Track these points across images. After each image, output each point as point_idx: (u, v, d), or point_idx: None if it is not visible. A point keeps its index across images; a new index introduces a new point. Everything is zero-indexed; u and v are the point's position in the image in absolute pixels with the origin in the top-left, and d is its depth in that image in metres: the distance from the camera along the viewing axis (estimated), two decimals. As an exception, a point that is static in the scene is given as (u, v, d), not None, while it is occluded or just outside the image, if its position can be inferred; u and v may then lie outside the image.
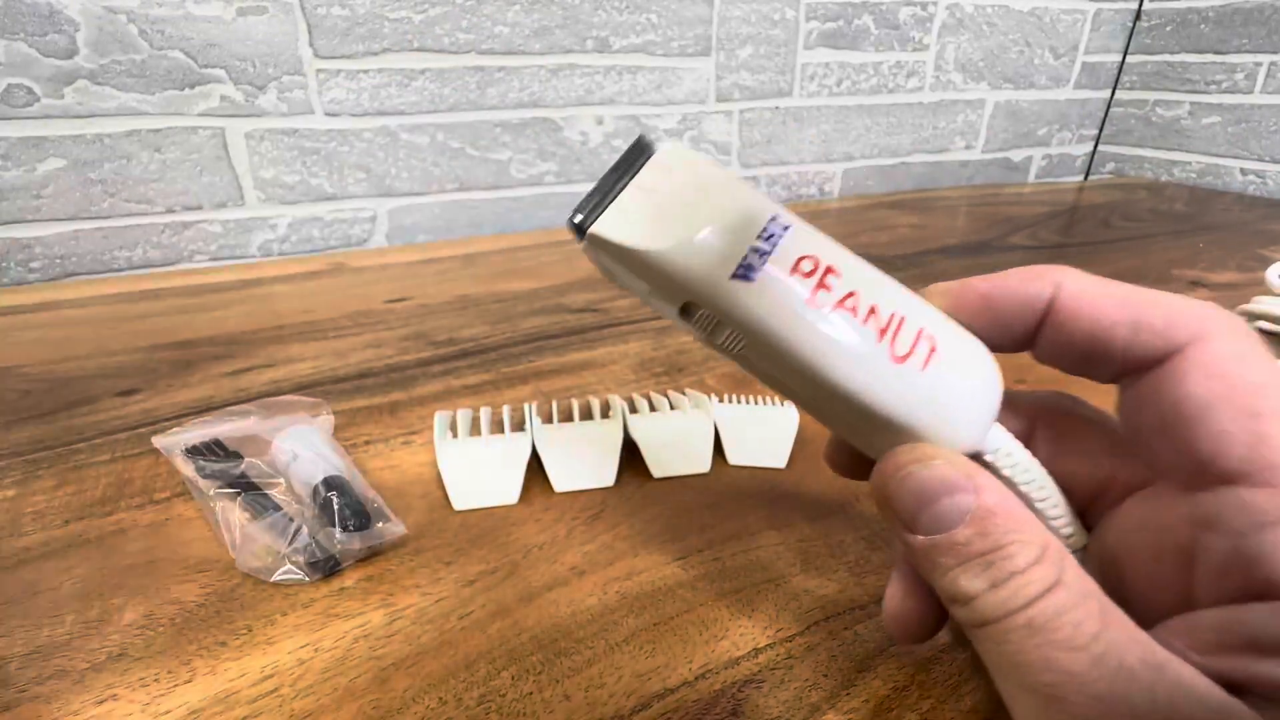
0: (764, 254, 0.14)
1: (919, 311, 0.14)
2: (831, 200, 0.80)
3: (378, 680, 0.18)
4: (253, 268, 0.54)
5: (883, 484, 0.14)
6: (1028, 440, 0.16)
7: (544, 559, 0.22)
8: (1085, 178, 1.00)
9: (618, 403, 0.29)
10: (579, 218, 0.14)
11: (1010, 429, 0.15)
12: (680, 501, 0.25)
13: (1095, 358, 0.14)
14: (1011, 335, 0.15)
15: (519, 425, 0.28)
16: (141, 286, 0.49)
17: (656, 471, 0.26)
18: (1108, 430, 0.16)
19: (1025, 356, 0.16)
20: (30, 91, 0.47)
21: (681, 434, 0.27)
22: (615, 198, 0.15)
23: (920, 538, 0.13)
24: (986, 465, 0.15)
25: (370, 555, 0.22)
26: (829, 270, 0.14)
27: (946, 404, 0.14)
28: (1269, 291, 0.38)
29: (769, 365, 0.15)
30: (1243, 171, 0.82)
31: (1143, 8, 0.89)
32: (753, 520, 0.24)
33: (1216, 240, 0.60)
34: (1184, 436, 0.13)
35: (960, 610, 0.12)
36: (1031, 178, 0.96)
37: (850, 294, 0.14)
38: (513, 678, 0.18)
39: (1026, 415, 0.17)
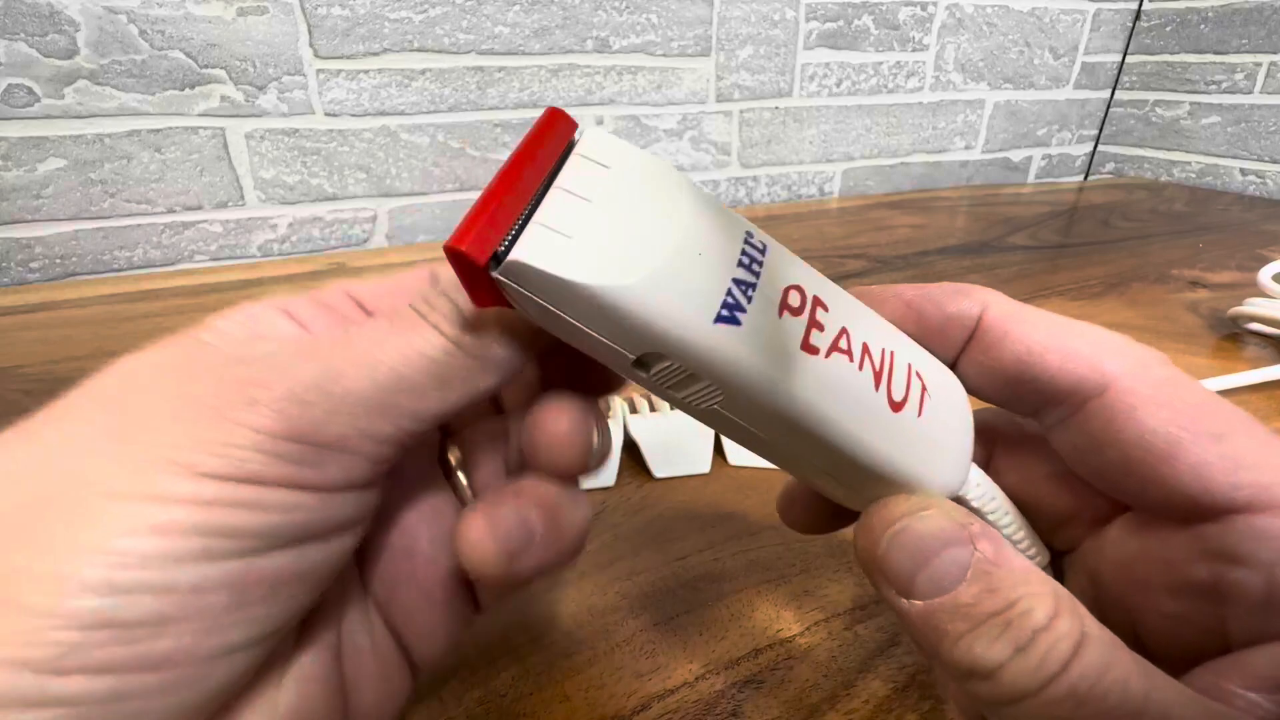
0: (749, 288, 0.11)
1: (902, 344, 0.13)
2: (831, 200, 0.80)
3: (378, 680, 0.18)
4: (253, 268, 0.54)
5: (871, 544, 0.12)
6: (988, 465, 0.16)
7: (544, 559, 0.22)
8: (1085, 178, 1.00)
9: (617, 403, 0.29)
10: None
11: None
12: (680, 501, 0.25)
13: (1022, 384, 0.13)
14: (937, 353, 0.14)
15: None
16: (141, 286, 0.49)
17: (656, 471, 0.26)
18: None
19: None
20: (30, 91, 0.47)
21: (681, 434, 0.27)
22: (534, 208, 0.10)
23: (918, 603, 0.11)
24: (959, 499, 0.14)
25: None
26: (818, 303, 0.12)
27: (939, 450, 0.13)
28: (1263, 293, 0.38)
29: (749, 420, 0.12)
30: (1242, 171, 0.82)
31: (1143, 8, 0.89)
32: (753, 520, 0.24)
33: (1216, 240, 0.60)
34: (1160, 473, 0.12)
35: (983, 686, 0.11)
36: (1031, 178, 0.96)
37: (842, 331, 0.12)
38: (513, 678, 0.18)
39: (984, 440, 0.16)
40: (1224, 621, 0.12)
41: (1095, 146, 0.98)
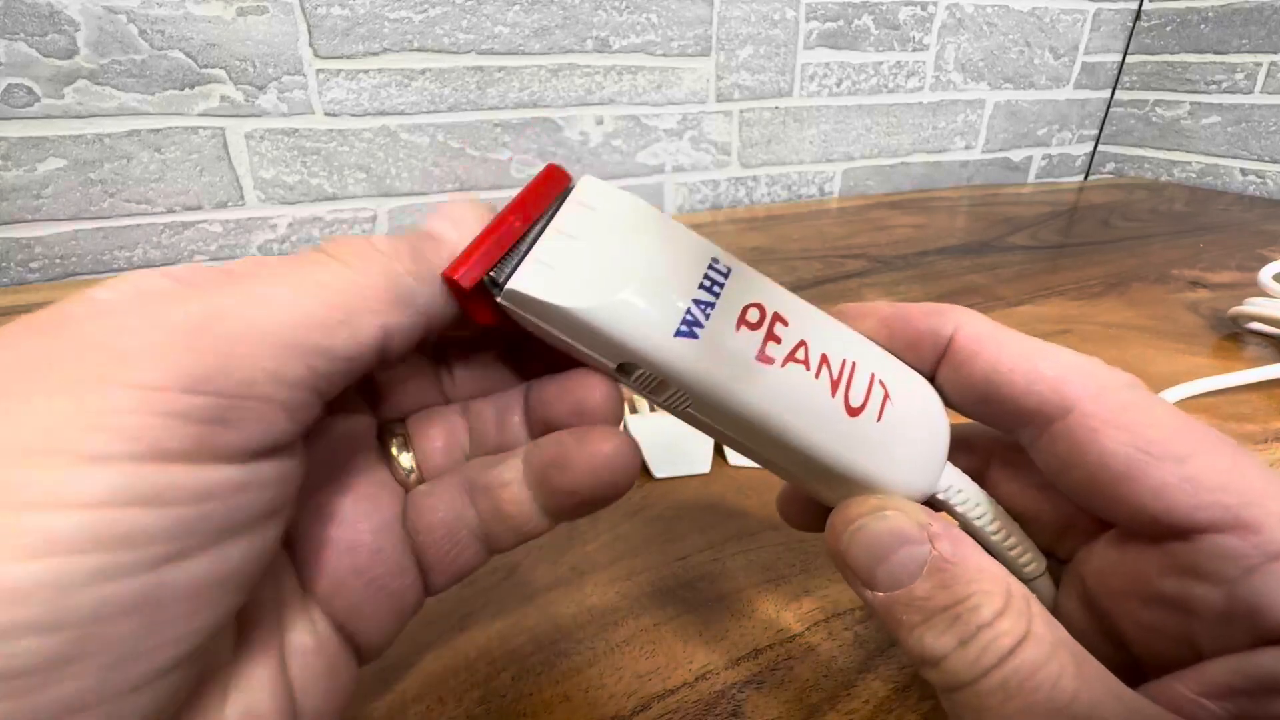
0: (708, 306, 0.12)
1: (868, 354, 0.14)
2: (831, 200, 0.80)
3: (378, 680, 0.18)
4: (253, 268, 0.54)
5: (835, 540, 0.13)
6: (982, 477, 0.16)
7: (544, 559, 0.22)
8: (1085, 178, 1.00)
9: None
10: (492, 272, 0.12)
11: (963, 467, 0.15)
12: (680, 501, 0.25)
13: (991, 402, 0.14)
14: (912, 367, 0.15)
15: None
16: (141, 286, 0.49)
17: (656, 471, 0.26)
18: None
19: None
20: (30, 91, 0.47)
21: (681, 434, 0.27)
22: (532, 245, 0.12)
23: (880, 594, 0.12)
24: (939, 503, 0.15)
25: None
26: (777, 318, 0.13)
27: (901, 453, 0.14)
28: (1264, 293, 0.38)
29: (716, 422, 0.14)
30: (1243, 171, 0.82)
31: (1143, 8, 0.89)
32: (753, 520, 0.24)
33: (1216, 240, 0.60)
34: (1121, 494, 0.12)
35: (932, 673, 0.12)
36: (1031, 178, 0.96)
37: (800, 343, 0.13)
38: (513, 678, 0.18)
39: (980, 453, 0.16)
40: (1193, 633, 0.12)
41: (1095, 146, 0.98)
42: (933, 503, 0.15)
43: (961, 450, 0.16)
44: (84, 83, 0.48)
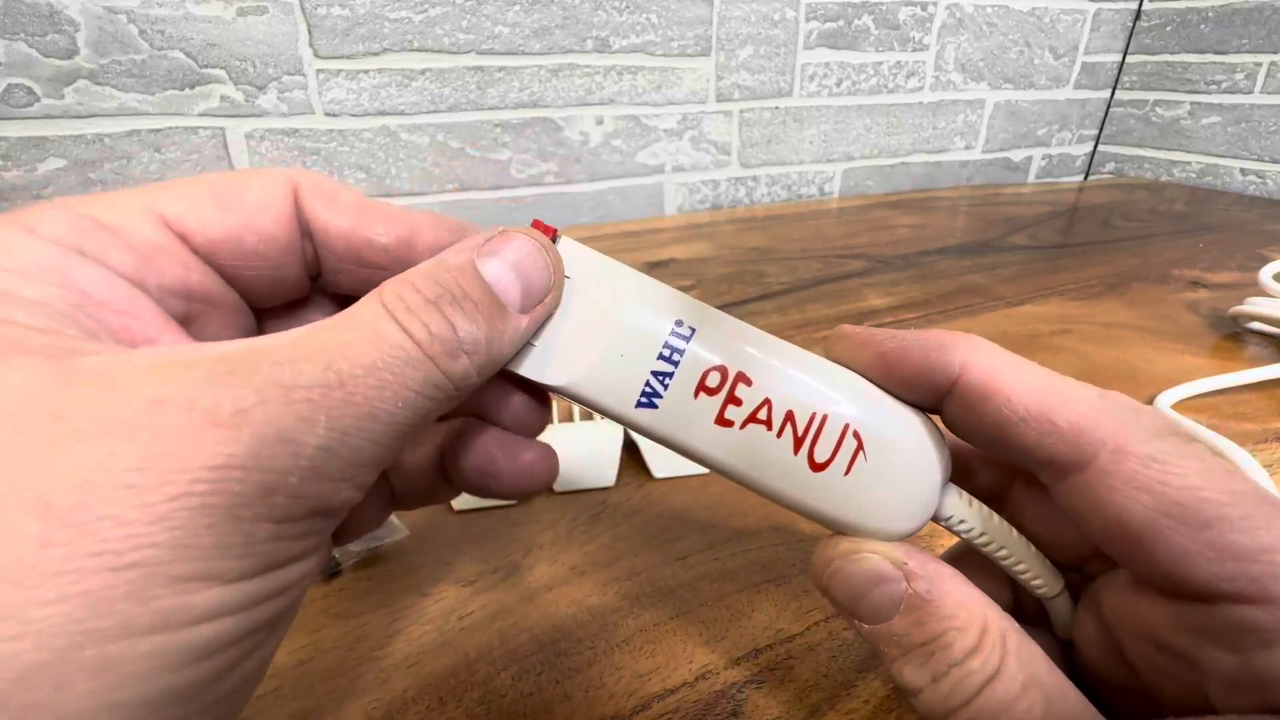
0: (666, 377, 0.13)
1: (845, 402, 0.14)
2: (831, 200, 0.80)
3: (378, 680, 0.18)
4: (253, 268, 0.54)
5: (816, 577, 0.14)
6: (1005, 494, 0.16)
7: (544, 559, 0.22)
8: (1085, 178, 1.00)
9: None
10: None
11: (984, 483, 0.15)
12: (680, 501, 0.25)
13: (1001, 447, 0.13)
14: (914, 400, 0.14)
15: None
16: (141, 286, 0.49)
17: (656, 471, 0.26)
18: None
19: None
20: (30, 91, 0.47)
21: (681, 434, 0.27)
22: None
23: (865, 626, 0.13)
24: (945, 527, 0.15)
25: (370, 556, 0.22)
26: (740, 379, 0.13)
27: (874, 502, 0.14)
28: (1264, 292, 0.38)
29: (697, 464, 0.15)
30: (1243, 171, 0.82)
31: (1143, 8, 0.89)
32: (753, 520, 0.24)
33: (1216, 240, 0.60)
34: (1140, 555, 0.12)
35: (913, 703, 0.13)
36: (1031, 178, 0.96)
37: (763, 403, 0.13)
38: (513, 678, 0.18)
39: (1005, 470, 0.16)
40: (1204, 690, 0.12)
41: (1095, 146, 0.98)
42: (939, 523, 0.15)
43: (986, 466, 0.16)
44: (84, 83, 0.48)
